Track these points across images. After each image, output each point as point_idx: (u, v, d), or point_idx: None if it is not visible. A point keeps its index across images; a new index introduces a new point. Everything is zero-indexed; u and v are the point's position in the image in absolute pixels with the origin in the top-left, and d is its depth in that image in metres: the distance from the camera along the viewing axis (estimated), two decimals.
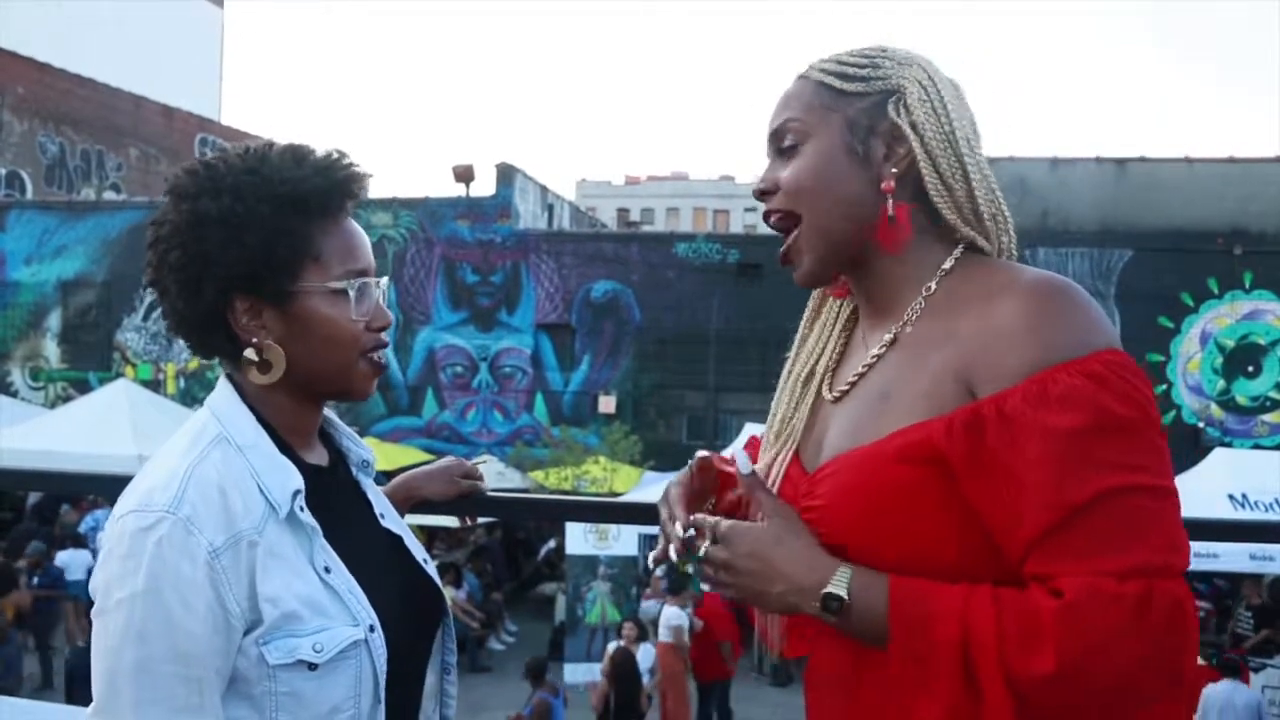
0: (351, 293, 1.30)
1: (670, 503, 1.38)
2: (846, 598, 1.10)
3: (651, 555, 1.40)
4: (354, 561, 1.28)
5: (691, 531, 1.22)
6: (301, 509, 1.24)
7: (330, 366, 1.32)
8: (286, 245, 1.27)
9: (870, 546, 1.14)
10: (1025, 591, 1.05)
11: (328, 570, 1.24)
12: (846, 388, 1.27)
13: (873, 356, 1.25)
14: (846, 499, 1.16)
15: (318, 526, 1.25)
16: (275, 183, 1.27)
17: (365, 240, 1.36)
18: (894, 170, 1.21)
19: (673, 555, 1.31)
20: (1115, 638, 1.00)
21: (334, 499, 1.36)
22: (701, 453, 1.44)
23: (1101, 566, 1.02)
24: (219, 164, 1.30)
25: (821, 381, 1.33)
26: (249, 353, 1.28)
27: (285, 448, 1.30)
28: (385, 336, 1.37)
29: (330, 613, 1.21)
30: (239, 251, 1.25)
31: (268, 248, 1.26)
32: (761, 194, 1.30)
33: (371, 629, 1.24)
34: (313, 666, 1.18)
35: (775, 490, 1.29)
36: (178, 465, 1.22)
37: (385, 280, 1.39)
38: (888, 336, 1.24)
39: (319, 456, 1.38)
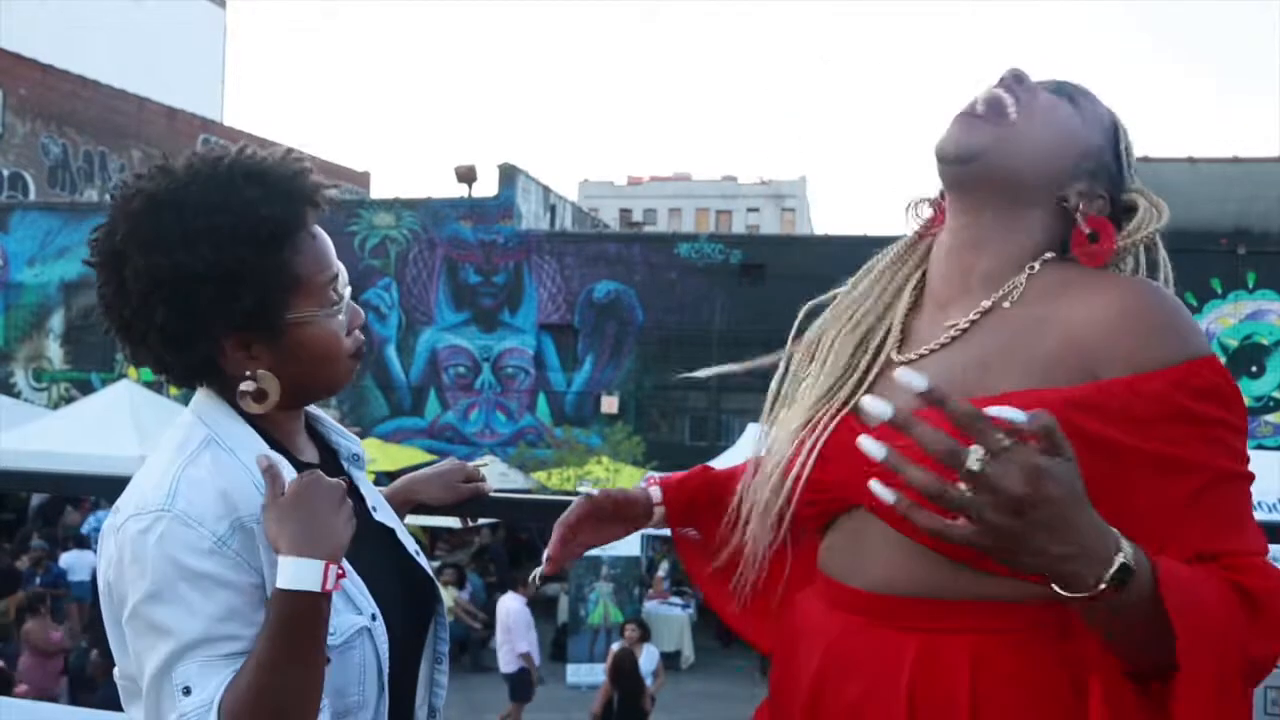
0: (342, 316, 1.32)
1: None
2: (1132, 575, 0.93)
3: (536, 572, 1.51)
4: (350, 554, 1.28)
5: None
6: None
7: (323, 379, 1.34)
8: (272, 286, 1.24)
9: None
10: (1222, 573, 1.05)
11: None
12: (927, 351, 1.23)
13: (967, 322, 1.22)
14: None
15: None
16: (253, 221, 1.22)
17: (328, 242, 1.35)
18: (1080, 207, 1.24)
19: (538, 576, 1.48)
20: None
21: None
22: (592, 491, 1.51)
23: (1253, 547, 1.10)
24: (181, 197, 1.23)
25: (885, 343, 1.29)
26: (245, 385, 1.27)
27: (276, 446, 1.30)
28: (359, 334, 1.38)
29: (335, 602, 1.22)
30: (234, 304, 1.22)
31: (262, 293, 1.23)
32: (1016, 80, 1.25)
33: (374, 617, 1.26)
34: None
35: (827, 443, 1.23)
36: (168, 467, 1.22)
37: (341, 270, 1.36)
38: (986, 303, 1.22)
39: (310, 454, 1.39)
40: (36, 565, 10.92)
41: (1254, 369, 15.50)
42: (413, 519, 1.67)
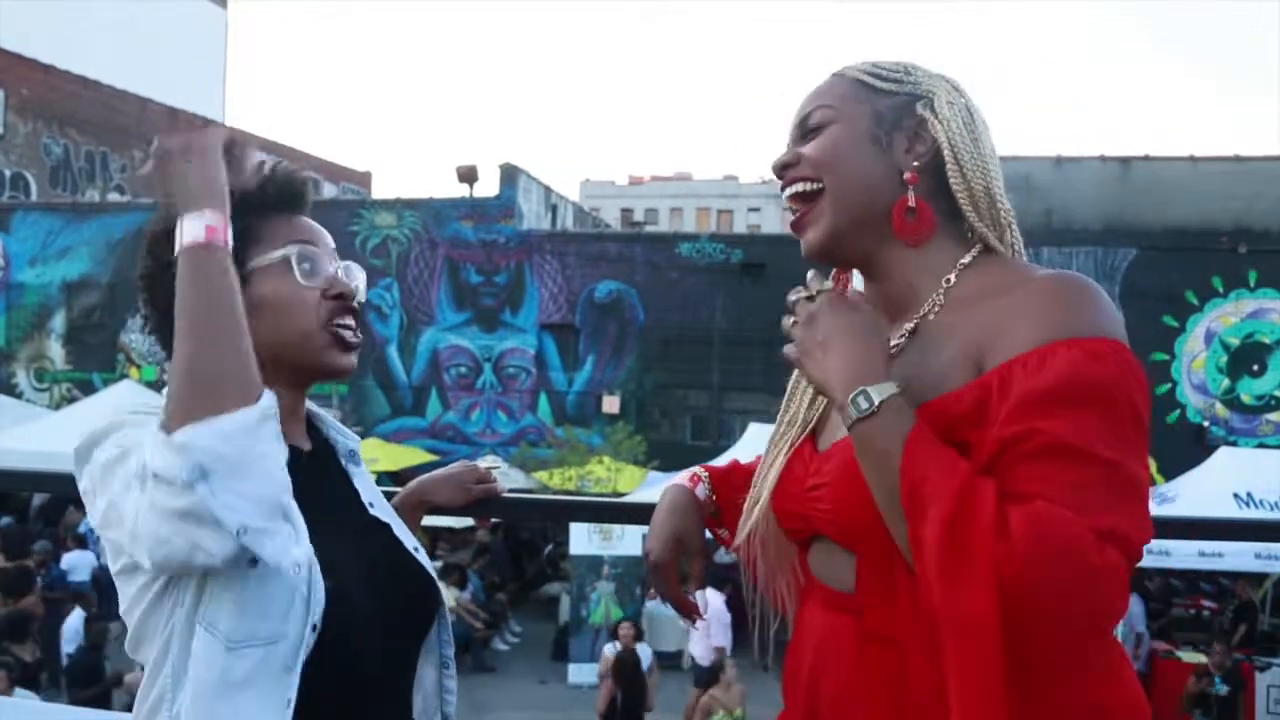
0: (293, 258, 1.34)
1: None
2: (874, 407, 1.11)
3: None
4: (333, 543, 1.28)
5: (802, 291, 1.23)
6: None
7: (290, 338, 1.34)
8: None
9: (872, 523, 1.15)
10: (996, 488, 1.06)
11: None
12: None
13: (893, 347, 1.25)
14: (849, 477, 1.17)
15: None
16: None
17: (319, 229, 1.40)
18: (915, 164, 1.25)
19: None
20: (1066, 557, 1.01)
21: (315, 483, 1.37)
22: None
23: (1087, 514, 1.03)
24: None
25: None
26: None
27: None
28: (350, 304, 1.38)
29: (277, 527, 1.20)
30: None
31: None
32: (782, 168, 1.32)
33: (311, 560, 1.22)
34: (254, 562, 1.12)
35: (781, 467, 1.33)
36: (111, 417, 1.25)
37: (356, 266, 1.41)
38: (908, 326, 1.26)
39: (301, 442, 1.40)
40: (39, 566, 10.94)
41: (1255, 367, 15.51)
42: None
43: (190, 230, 1.14)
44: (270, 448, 1.11)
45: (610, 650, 9.67)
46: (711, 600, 10.25)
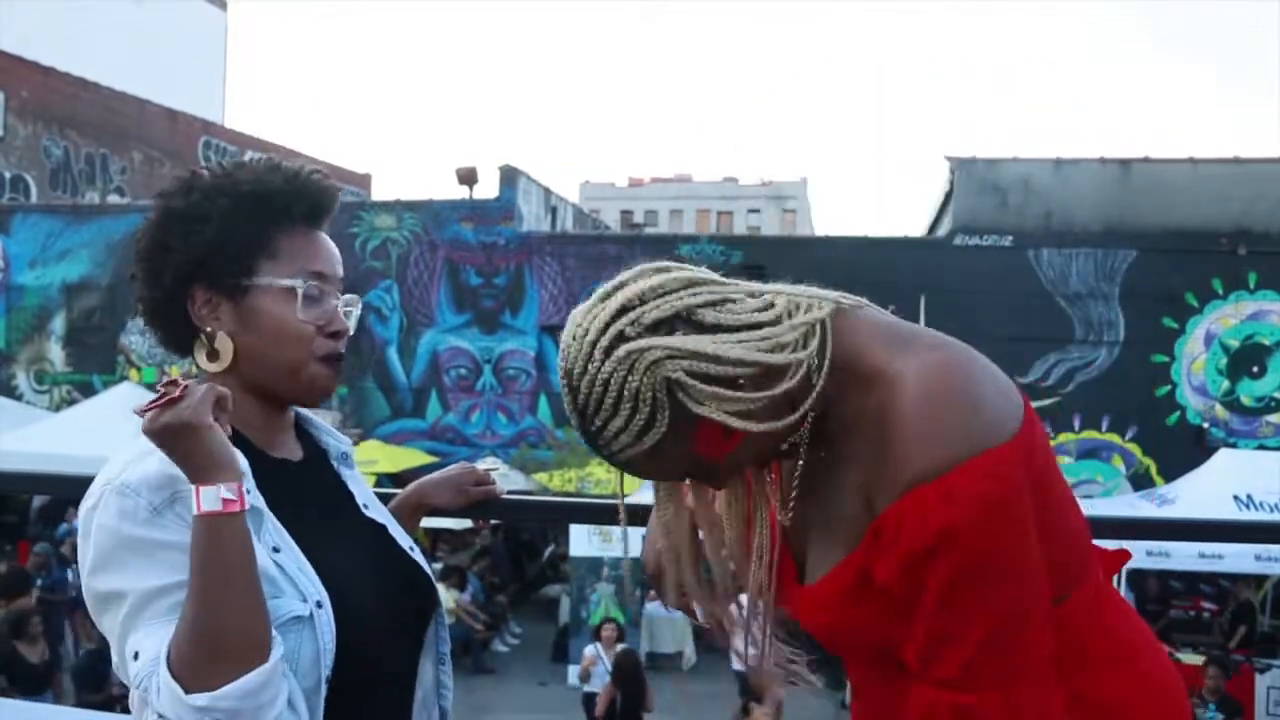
0: (301, 290, 1.33)
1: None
2: None
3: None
4: (328, 548, 1.29)
5: None
6: (247, 491, 1.24)
7: (278, 364, 1.34)
8: (241, 238, 1.32)
9: (870, 655, 1.27)
10: None
11: (276, 550, 1.25)
12: (792, 513, 1.31)
13: (796, 477, 1.29)
14: (830, 630, 1.27)
15: (264, 509, 1.26)
16: (240, 182, 1.33)
17: (334, 252, 1.39)
18: (696, 416, 1.16)
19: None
20: None
21: (308, 490, 1.39)
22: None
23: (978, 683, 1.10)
24: (204, 172, 1.36)
25: (772, 505, 1.36)
26: (201, 339, 1.33)
27: (247, 444, 1.32)
28: (340, 345, 1.37)
29: (280, 585, 1.22)
30: (197, 240, 1.31)
31: (222, 239, 1.31)
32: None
33: (319, 604, 1.23)
34: None
35: (774, 596, 1.35)
36: (126, 454, 1.26)
37: (355, 299, 1.42)
38: (821, 453, 1.28)
39: (290, 452, 1.41)
40: (40, 569, 10.95)
41: (1255, 369, 15.50)
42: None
43: (207, 501, 1.14)
44: (281, 690, 1.15)
45: (591, 651, 9.68)
46: None
